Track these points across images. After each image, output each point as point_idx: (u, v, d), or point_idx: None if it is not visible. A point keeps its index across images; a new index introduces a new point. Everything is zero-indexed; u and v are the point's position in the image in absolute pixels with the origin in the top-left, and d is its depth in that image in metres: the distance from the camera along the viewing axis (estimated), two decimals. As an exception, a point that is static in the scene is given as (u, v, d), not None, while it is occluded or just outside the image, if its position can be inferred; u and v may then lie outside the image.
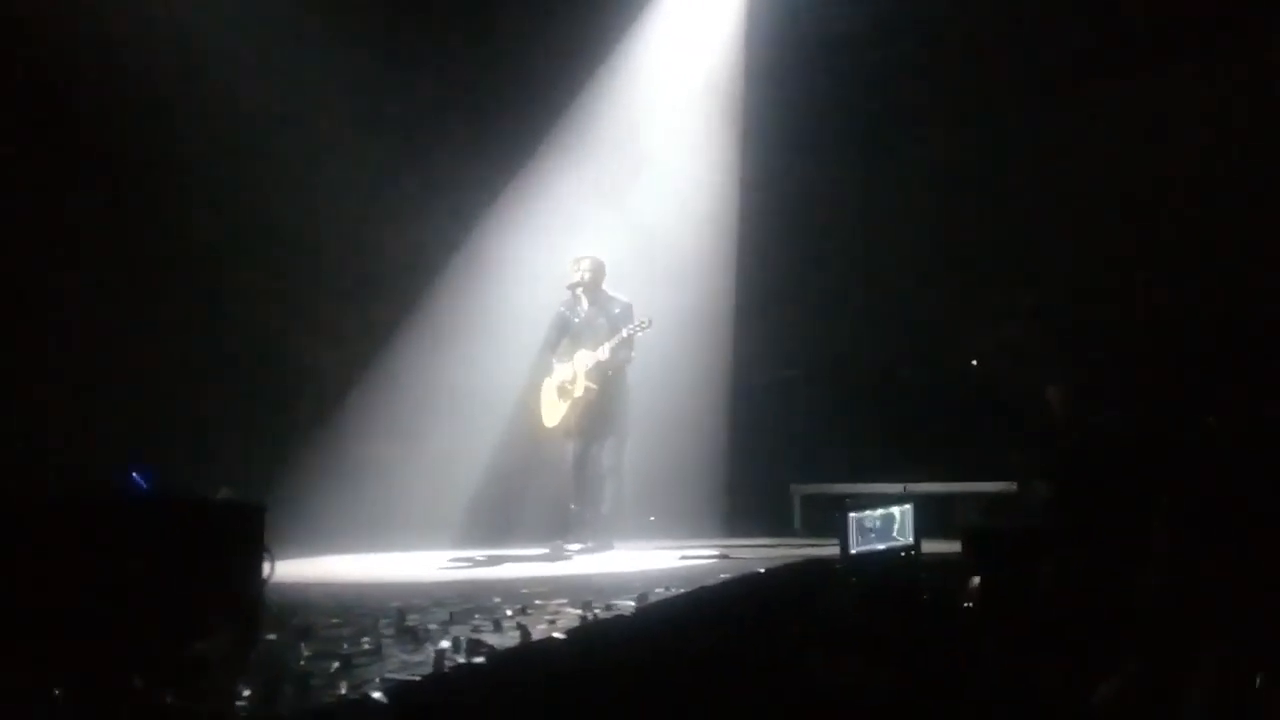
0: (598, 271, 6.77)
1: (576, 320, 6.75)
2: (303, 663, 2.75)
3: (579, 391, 6.60)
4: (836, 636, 3.64)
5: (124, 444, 6.20)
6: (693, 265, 8.10)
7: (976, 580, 3.90)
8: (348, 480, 7.20)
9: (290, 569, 4.97)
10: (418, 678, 2.53)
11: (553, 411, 6.74)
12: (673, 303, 7.34)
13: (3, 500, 2.88)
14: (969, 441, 7.63)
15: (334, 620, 3.53)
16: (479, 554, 6.49)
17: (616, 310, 6.67)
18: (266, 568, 3.14)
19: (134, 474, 4.79)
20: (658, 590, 4.05)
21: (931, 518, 5.21)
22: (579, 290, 6.74)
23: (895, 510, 4.83)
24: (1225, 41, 7.35)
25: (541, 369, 6.90)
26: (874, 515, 4.79)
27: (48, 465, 5.90)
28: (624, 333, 6.51)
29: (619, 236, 7.49)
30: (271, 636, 3.11)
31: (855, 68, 7.88)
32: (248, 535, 3.10)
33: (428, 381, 7.80)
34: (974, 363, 8.14)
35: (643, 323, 6.55)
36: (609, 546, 6.49)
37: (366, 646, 2.97)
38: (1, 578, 2.64)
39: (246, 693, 2.35)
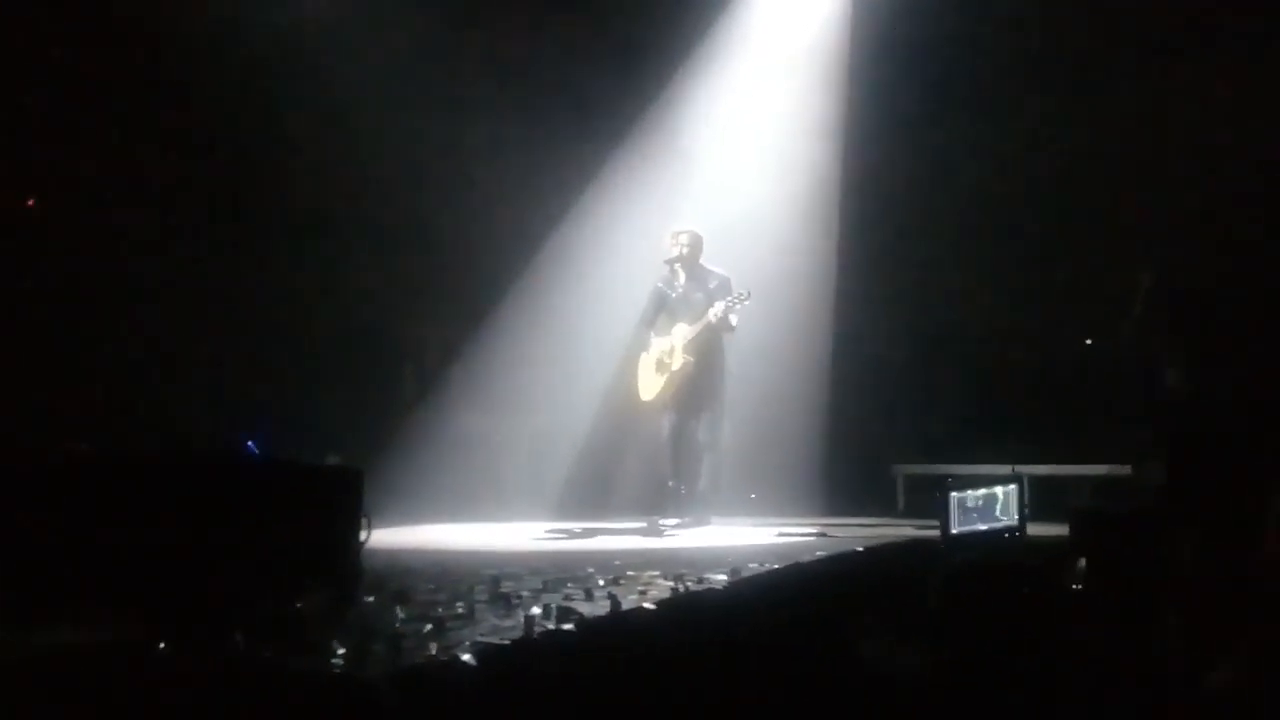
0: (696, 245, 6.72)
1: (674, 295, 6.72)
2: (397, 624, 2.81)
3: (676, 365, 6.58)
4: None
5: (241, 415, 6.45)
6: (793, 239, 7.97)
7: (1083, 562, 3.76)
8: (449, 451, 7.33)
9: (392, 536, 5.09)
10: (506, 642, 2.56)
11: (650, 386, 6.73)
12: (772, 277, 7.23)
13: (120, 459, 3.02)
14: (1082, 423, 7.37)
15: (430, 585, 3.60)
16: (575, 526, 6.54)
17: (713, 284, 6.61)
18: (364, 531, 3.21)
19: (248, 441, 4.98)
20: (751, 565, 4.03)
21: (1043, 499, 5.06)
22: (676, 264, 6.70)
23: (999, 490, 4.70)
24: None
25: (638, 344, 6.90)
26: (976, 495, 4.66)
27: (171, 433, 6.17)
28: (723, 304, 6.45)
29: (718, 210, 7.41)
30: (369, 599, 3.19)
31: (962, 35, 7.63)
32: (346, 499, 3.17)
33: (527, 355, 7.88)
34: (1088, 342, 7.84)
35: (742, 294, 6.48)
36: (706, 522, 6.47)
37: (460, 611, 3.01)
38: (113, 532, 2.76)
39: (341, 650, 2.40)
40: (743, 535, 5.95)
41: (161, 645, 2.33)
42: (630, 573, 3.89)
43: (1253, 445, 3.60)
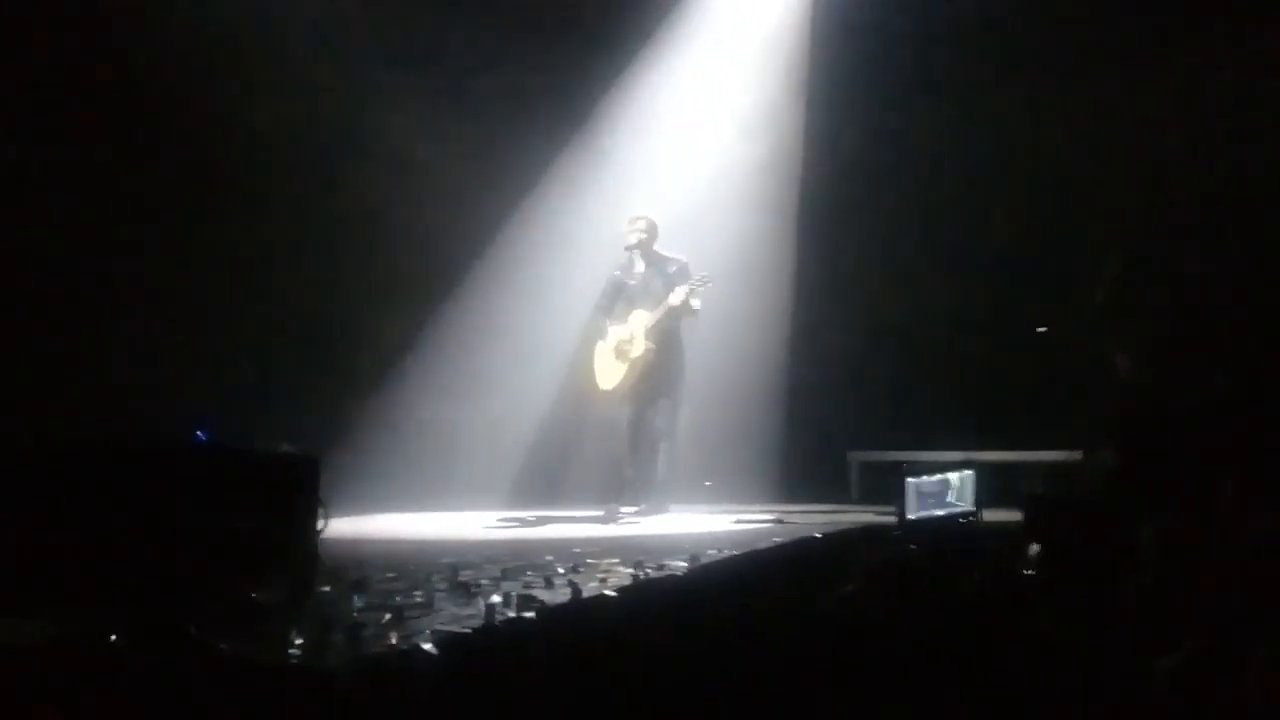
0: (652, 232, 6.71)
1: (631, 282, 6.70)
2: (356, 614, 2.78)
3: (637, 352, 6.56)
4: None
5: (190, 402, 6.33)
6: (751, 225, 8.00)
7: (1036, 548, 3.81)
8: (404, 440, 7.27)
9: (347, 526, 5.03)
10: (468, 630, 2.54)
11: (609, 374, 6.71)
12: (729, 265, 7.23)
13: (66, 447, 2.94)
14: (1034, 409, 7.47)
15: (388, 574, 3.57)
16: (532, 515, 6.53)
17: (672, 270, 6.60)
18: (320, 520, 3.17)
19: (198, 431, 4.87)
20: (710, 551, 4.04)
21: (995, 486, 5.12)
22: (634, 252, 6.69)
23: (953, 476, 4.76)
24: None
25: (595, 332, 6.86)
26: (932, 480, 4.72)
27: (119, 420, 6.03)
28: (685, 287, 6.44)
29: (675, 196, 7.41)
30: (326, 588, 3.15)
31: (925, 21, 7.67)
32: (303, 487, 3.13)
33: (482, 343, 7.83)
34: (1041, 329, 7.93)
35: (704, 278, 6.49)
36: (664, 510, 6.47)
37: (419, 600, 2.99)
38: (64, 523, 2.70)
39: (299, 641, 2.37)
40: (700, 522, 5.97)
41: (114, 638, 2.29)
42: (590, 560, 3.90)
43: (1204, 431, 3.66)
